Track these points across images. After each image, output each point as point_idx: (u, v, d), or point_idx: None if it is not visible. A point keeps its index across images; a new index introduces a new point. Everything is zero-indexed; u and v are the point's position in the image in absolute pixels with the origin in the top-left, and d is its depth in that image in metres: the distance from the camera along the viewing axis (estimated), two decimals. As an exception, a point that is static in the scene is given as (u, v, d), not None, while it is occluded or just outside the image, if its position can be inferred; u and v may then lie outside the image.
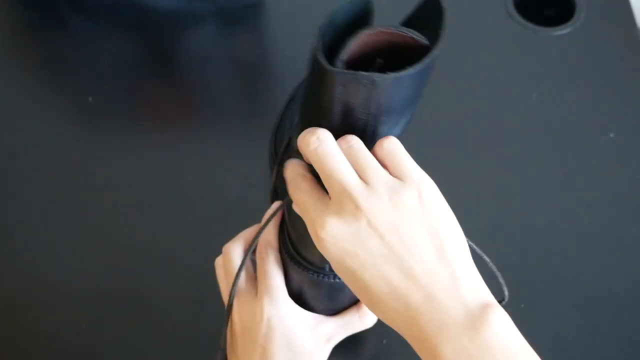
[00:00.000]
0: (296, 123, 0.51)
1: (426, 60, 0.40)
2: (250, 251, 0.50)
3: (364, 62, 0.43)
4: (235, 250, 0.52)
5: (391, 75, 0.40)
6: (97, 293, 0.64)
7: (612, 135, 0.73)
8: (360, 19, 0.44)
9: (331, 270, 0.52)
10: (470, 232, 0.67)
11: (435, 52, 0.41)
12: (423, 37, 0.42)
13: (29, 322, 0.63)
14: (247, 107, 0.76)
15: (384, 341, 0.61)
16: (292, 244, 0.53)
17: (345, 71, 0.40)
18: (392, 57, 0.43)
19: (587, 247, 0.66)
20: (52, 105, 0.77)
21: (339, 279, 0.52)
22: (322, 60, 0.41)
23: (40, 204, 0.69)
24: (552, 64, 0.79)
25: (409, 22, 0.46)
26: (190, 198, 0.69)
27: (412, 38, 0.42)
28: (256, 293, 0.50)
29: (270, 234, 0.51)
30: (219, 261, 0.54)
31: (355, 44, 0.42)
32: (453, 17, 0.91)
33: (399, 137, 0.47)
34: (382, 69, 0.42)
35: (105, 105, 0.76)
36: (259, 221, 0.67)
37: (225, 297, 0.52)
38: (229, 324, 0.51)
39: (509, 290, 0.64)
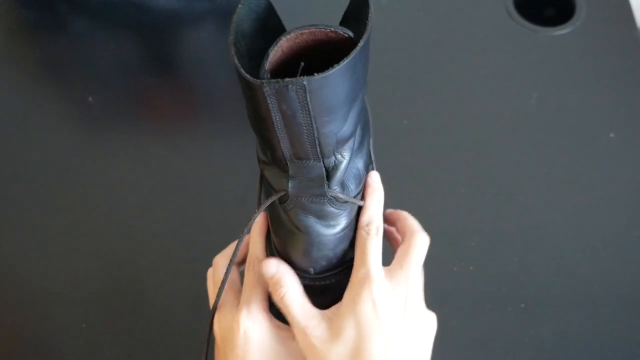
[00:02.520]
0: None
1: (352, 54, 0.40)
2: (232, 263, 0.51)
3: (294, 64, 0.43)
4: (222, 263, 0.53)
5: (318, 76, 0.39)
6: (97, 293, 0.64)
7: (612, 135, 0.73)
8: (266, 15, 0.44)
9: (316, 273, 0.53)
10: (470, 232, 0.67)
11: (360, 43, 0.40)
12: (345, 29, 0.42)
13: (28, 322, 0.63)
14: (247, 107, 0.76)
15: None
16: (278, 251, 0.54)
17: (271, 80, 0.40)
18: (323, 53, 0.43)
19: (587, 247, 0.66)
20: (52, 105, 0.77)
21: (326, 281, 0.53)
22: (245, 75, 0.40)
23: (40, 203, 0.69)
24: (552, 64, 0.79)
25: (344, 19, 0.46)
26: (190, 198, 0.69)
27: (335, 32, 0.42)
28: (238, 305, 0.51)
29: (257, 248, 0.52)
30: (209, 272, 0.54)
31: (276, 52, 0.42)
32: (453, 17, 0.92)
33: (362, 132, 0.48)
34: (313, 68, 0.42)
35: (105, 105, 0.76)
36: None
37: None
38: (211, 334, 0.52)
39: (509, 290, 0.64)
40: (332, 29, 0.42)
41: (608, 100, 0.76)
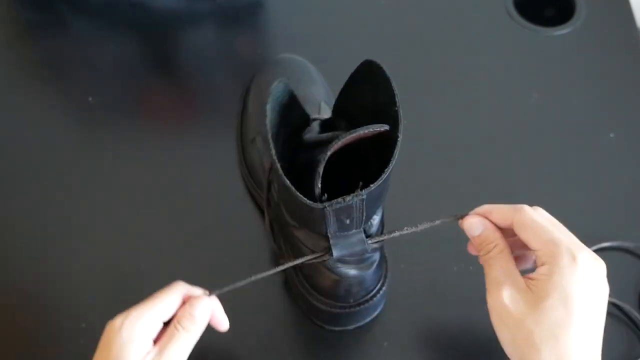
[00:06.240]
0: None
1: (395, 153, 0.45)
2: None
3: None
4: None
5: (374, 185, 0.45)
6: (96, 293, 0.64)
7: (612, 135, 0.73)
8: (287, 99, 0.49)
9: (340, 301, 0.56)
10: (470, 232, 0.67)
11: (399, 141, 0.45)
12: (383, 125, 0.46)
13: (28, 322, 0.63)
14: (247, 107, 0.76)
15: (385, 344, 0.61)
16: (303, 276, 0.58)
17: (333, 202, 0.45)
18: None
19: (587, 247, 0.66)
20: (52, 105, 0.77)
21: (346, 309, 0.57)
22: (306, 201, 0.44)
23: (40, 203, 0.69)
24: (552, 64, 0.79)
25: (351, 79, 0.50)
26: (191, 198, 0.69)
27: (374, 131, 0.46)
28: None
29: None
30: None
31: (323, 164, 0.45)
32: (453, 17, 0.91)
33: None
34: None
35: (105, 105, 0.76)
36: (260, 221, 0.67)
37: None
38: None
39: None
40: (374, 130, 0.46)
41: (608, 100, 0.76)
